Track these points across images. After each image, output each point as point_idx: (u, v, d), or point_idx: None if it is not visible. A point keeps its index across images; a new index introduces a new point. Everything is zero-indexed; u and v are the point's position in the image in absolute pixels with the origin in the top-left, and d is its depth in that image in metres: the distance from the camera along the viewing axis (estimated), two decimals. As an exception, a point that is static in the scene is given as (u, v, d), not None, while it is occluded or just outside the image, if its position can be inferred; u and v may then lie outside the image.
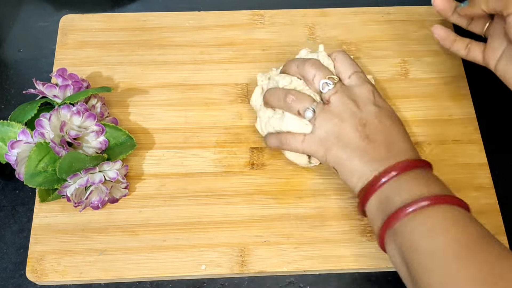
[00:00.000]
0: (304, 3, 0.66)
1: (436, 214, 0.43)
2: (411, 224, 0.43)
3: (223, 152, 0.56)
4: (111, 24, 0.63)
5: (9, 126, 0.51)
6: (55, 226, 0.52)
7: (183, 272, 0.51)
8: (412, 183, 0.45)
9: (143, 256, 0.51)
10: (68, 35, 0.62)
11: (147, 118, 0.57)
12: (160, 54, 0.61)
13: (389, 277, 0.52)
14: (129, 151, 0.53)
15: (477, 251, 0.41)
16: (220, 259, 0.51)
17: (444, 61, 0.61)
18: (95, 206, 0.52)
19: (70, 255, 0.51)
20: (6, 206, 0.55)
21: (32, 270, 0.50)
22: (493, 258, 0.40)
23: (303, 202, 0.53)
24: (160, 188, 0.54)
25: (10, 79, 0.62)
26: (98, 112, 0.54)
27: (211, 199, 0.53)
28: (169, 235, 0.52)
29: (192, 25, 0.63)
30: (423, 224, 0.43)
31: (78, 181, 0.49)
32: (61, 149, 0.49)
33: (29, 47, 0.64)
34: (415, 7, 0.65)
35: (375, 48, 0.62)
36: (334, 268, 0.51)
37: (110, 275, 0.50)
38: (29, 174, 0.49)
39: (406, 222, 0.43)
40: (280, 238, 0.52)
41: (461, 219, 0.43)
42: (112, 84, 0.59)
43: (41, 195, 0.51)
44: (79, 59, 0.60)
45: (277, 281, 0.52)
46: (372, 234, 0.52)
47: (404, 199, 0.44)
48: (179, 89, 0.59)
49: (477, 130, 0.57)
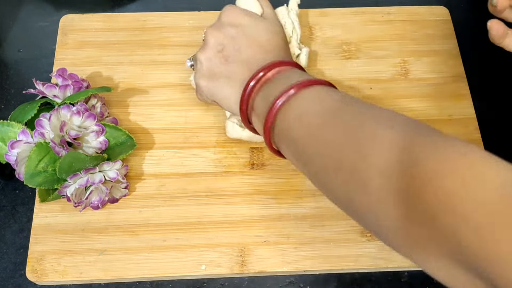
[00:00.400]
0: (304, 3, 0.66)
1: (305, 98, 0.43)
2: (287, 116, 0.43)
3: (223, 152, 0.56)
4: (111, 24, 0.63)
5: (9, 126, 0.51)
6: (55, 226, 0.52)
7: (183, 272, 0.51)
8: (280, 81, 0.45)
9: (143, 256, 0.51)
10: (68, 35, 0.62)
11: (147, 118, 0.57)
12: (160, 54, 0.61)
13: (389, 277, 0.52)
14: (129, 151, 0.53)
15: (344, 113, 0.41)
16: (220, 259, 0.51)
17: (444, 61, 0.61)
18: (95, 206, 0.52)
19: (70, 255, 0.51)
20: (6, 206, 0.55)
21: (32, 270, 0.50)
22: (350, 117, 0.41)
23: (303, 202, 0.53)
24: (160, 188, 0.54)
25: (10, 79, 0.62)
26: (98, 112, 0.54)
27: (211, 199, 0.53)
28: (169, 235, 0.52)
29: (192, 25, 0.63)
30: (296, 110, 0.43)
31: (78, 181, 0.49)
32: (61, 149, 0.49)
33: (29, 47, 0.64)
34: (415, 7, 0.65)
35: (375, 48, 0.62)
36: (334, 268, 0.51)
37: (110, 275, 0.50)
38: (29, 174, 0.49)
39: (282, 116, 0.44)
40: (280, 238, 0.52)
41: (329, 93, 0.43)
42: (112, 84, 0.59)
43: (41, 195, 0.51)
44: (79, 59, 0.60)
45: (277, 281, 0.52)
46: (372, 234, 0.52)
47: (274, 96, 0.44)
48: (179, 89, 0.59)
49: (477, 130, 0.57)
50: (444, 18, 0.64)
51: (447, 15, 0.64)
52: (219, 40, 0.50)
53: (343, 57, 0.61)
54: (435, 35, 0.63)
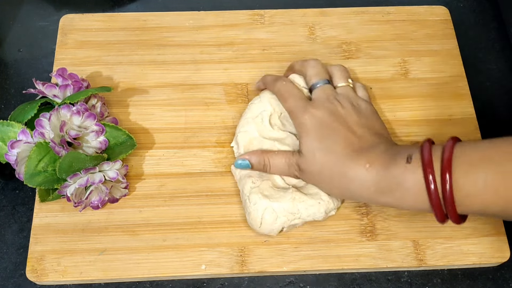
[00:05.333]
0: (304, 3, 0.66)
1: None
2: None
3: (223, 152, 0.56)
4: (111, 24, 0.63)
5: (9, 126, 0.51)
6: (55, 226, 0.52)
7: (183, 272, 0.51)
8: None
9: (143, 256, 0.51)
10: (68, 35, 0.62)
11: (147, 118, 0.57)
12: (160, 54, 0.61)
13: (389, 276, 0.52)
14: (129, 151, 0.53)
15: None
16: (220, 259, 0.51)
17: (444, 61, 0.61)
18: (95, 206, 0.52)
19: (70, 255, 0.51)
20: (6, 206, 0.55)
21: (32, 270, 0.50)
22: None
23: (303, 202, 0.53)
24: (160, 188, 0.54)
25: (10, 79, 0.62)
26: (98, 112, 0.54)
27: (211, 199, 0.53)
28: (169, 235, 0.52)
29: (192, 25, 0.63)
30: None
31: (78, 181, 0.49)
32: (61, 149, 0.49)
33: (29, 47, 0.64)
34: (415, 7, 0.65)
35: (375, 48, 0.62)
36: (334, 268, 0.51)
37: (110, 275, 0.50)
38: (29, 174, 0.49)
39: None
40: (280, 238, 0.52)
41: None
42: (112, 84, 0.59)
43: (41, 195, 0.51)
44: (79, 59, 0.60)
45: (277, 281, 0.52)
46: (372, 234, 0.52)
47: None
48: (179, 89, 0.59)
49: (477, 130, 0.57)
50: (444, 18, 0.64)
51: (447, 15, 0.64)
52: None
53: (343, 57, 0.61)
54: (435, 35, 0.63)
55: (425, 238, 0.52)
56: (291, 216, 0.50)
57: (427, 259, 0.51)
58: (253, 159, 0.51)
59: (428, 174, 0.43)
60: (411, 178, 0.44)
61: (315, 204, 0.50)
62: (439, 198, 0.43)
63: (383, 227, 0.52)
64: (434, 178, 0.42)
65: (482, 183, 0.41)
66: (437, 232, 0.52)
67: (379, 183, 0.45)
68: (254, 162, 0.51)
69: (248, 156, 0.52)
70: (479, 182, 0.41)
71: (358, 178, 0.46)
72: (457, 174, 0.42)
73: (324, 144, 0.48)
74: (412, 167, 0.44)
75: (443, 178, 0.42)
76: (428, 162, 0.43)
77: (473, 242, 0.52)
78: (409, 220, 0.53)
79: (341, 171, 0.47)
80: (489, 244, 0.52)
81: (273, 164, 0.51)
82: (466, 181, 0.41)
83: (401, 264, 0.51)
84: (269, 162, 0.51)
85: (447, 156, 0.42)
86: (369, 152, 0.47)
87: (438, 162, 0.43)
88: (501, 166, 0.41)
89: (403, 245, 0.52)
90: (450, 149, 0.43)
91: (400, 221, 0.53)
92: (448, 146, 0.43)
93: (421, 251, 0.51)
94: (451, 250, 0.51)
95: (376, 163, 0.46)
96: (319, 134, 0.49)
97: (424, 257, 0.51)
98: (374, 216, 0.53)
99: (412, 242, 0.52)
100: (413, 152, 0.45)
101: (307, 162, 0.49)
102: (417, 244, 0.52)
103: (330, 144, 0.48)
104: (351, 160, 0.47)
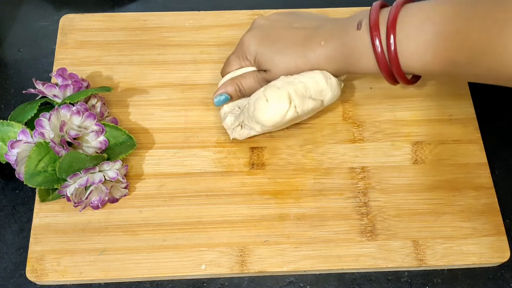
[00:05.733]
0: (304, 3, 0.66)
1: None
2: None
3: (223, 152, 0.56)
4: (111, 24, 0.63)
5: (9, 126, 0.51)
6: (55, 226, 0.52)
7: (183, 272, 0.51)
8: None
9: (143, 256, 0.51)
10: (68, 35, 0.62)
11: (147, 118, 0.57)
12: (160, 54, 0.61)
13: (389, 276, 0.52)
14: (129, 151, 0.53)
15: None
16: (220, 259, 0.51)
17: (444, 61, 0.61)
18: (95, 206, 0.52)
19: (70, 255, 0.51)
20: (6, 206, 0.55)
21: (32, 270, 0.50)
22: None
23: (303, 202, 0.53)
24: (160, 188, 0.54)
25: (10, 79, 0.62)
26: (98, 112, 0.54)
27: (211, 199, 0.53)
28: (169, 235, 0.52)
29: (192, 25, 0.63)
30: None
31: (78, 181, 0.49)
32: (61, 149, 0.49)
33: (29, 47, 0.64)
34: (415, 7, 0.64)
35: (375, 48, 0.62)
36: (334, 268, 0.51)
37: (110, 275, 0.50)
38: (29, 174, 0.49)
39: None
40: (280, 238, 0.52)
41: None
42: (112, 84, 0.59)
43: (41, 195, 0.51)
44: (79, 59, 0.60)
45: (277, 281, 0.52)
46: (372, 234, 0.52)
47: None
48: (179, 89, 0.59)
49: (477, 130, 0.57)
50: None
51: (447, 15, 0.64)
52: None
53: (343, 57, 0.61)
54: (435, 35, 0.63)
55: (425, 238, 0.52)
56: (291, 86, 0.50)
57: (427, 259, 0.51)
58: (228, 89, 0.54)
59: (375, 37, 0.45)
60: (361, 43, 0.47)
61: (312, 75, 0.51)
62: (385, 58, 0.46)
63: (383, 227, 0.52)
64: (380, 40, 0.45)
65: (423, 44, 0.43)
66: (437, 232, 0.52)
67: (337, 54, 0.49)
68: (230, 91, 0.54)
69: (223, 89, 0.54)
70: (420, 43, 0.44)
71: (319, 56, 0.50)
72: (400, 35, 0.44)
73: (276, 48, 0.51)
74: (361, 32, 0.47)
75: (388, 40, 0.44)
76: (374, 25, 0.46)
77: (473, 242, 0.52)
78: (409, 220, 0.53)
79: (303, 59, 0.50)
80: (489, 244, 0.52)
81: (246, 86, 0.54)
82: (409, 42, 0.44)
83: (401, 264, 0.51)
84: (242, 86, 0.54)
85: (391, 19, 0.44)
86: (318, 33, 0.50)
87: (384, 25, 0.45)
88: (440, 26, 0.42)
89: (403, 245, 0.52)
90: (395, 11, 0.45)
91: (400, 221, 0.53)
92: (394, 8, 0.45)
93: (421, 251, 0.51)
94: (451, 250, 0.51)
95: (329, 38, 0.49)
96: (266, 44, 0.52)
97: (424, 257, 0.51)
98: (374, 216, 0.53)
99: (412, 242, 0.52)
100: (363, 17, 0.47)
101: (272, 72, 0.51)
102: (417, 244, 0.52)
103: (280, 46, 0.51)
104: (306, 46, 0.50)
